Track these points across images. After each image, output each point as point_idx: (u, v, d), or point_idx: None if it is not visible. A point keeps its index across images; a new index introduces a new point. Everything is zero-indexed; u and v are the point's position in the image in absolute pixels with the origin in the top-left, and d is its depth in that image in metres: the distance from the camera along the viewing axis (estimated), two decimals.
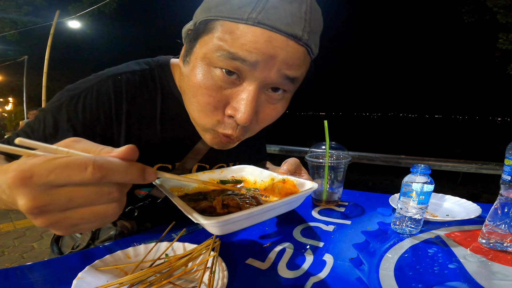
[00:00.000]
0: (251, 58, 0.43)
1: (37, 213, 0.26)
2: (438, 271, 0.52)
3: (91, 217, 0.28)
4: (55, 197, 0.26)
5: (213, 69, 0.46)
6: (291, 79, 0.48)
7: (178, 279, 0.47)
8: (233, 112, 0.48)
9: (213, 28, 0.45)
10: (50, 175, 0.25)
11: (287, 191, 0.53)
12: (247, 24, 0.43)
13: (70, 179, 0.25)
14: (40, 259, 0.55)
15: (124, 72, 0.60)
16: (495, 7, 6.70)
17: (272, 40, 0.43)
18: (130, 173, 0.28)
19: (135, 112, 0.60)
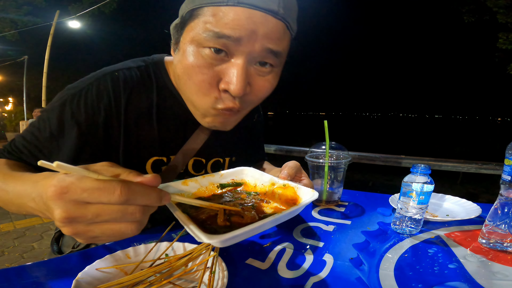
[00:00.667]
0: (234, 34, 0.48)
1: (67, 223, 0.31)
2: (438, 271, 0.52)
3: (111, 232, 0.32)
4: (84, 211, 0.30)
5: (202, 49, 0.51)
6: (274, 52, 0.52)
7: (178, 279, 0.47)
8: (226, 86, 0.52)
9: (198, 14, 0.50)
10: (84, 193, 0.30)
11: (288, 197, 0.53)
12: (228, 5, 0.48)
13: (99, 199, 0.30)
14: (40, 259, 0.55)
15: (120, 69, 0.64)
16: (495, 7, 6.69)
17: (252, 16, 0.48)
18: (151, 197, 0.33)
19: (132, 106, 0.63)
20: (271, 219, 0.40)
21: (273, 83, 0.59)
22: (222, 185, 0.58)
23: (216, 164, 0.78)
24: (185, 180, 0.54)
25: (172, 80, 0.68)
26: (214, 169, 0.78)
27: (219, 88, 0.53)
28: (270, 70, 0.56)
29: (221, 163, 0.80)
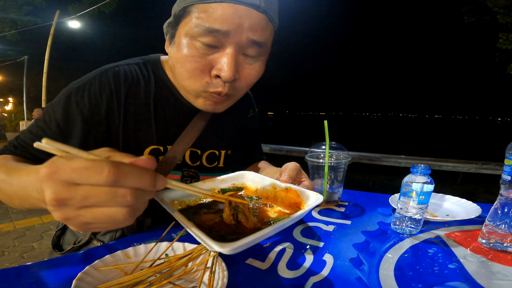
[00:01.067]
0: (223, 28, 0.55)
1: (56, 206, 0.29)
2: (438, 271, 0.52)
3: (103, 217, 0.30)
4: (73, 193, 0.29)
5: (195, 42, 0.57)
6: (258, 43, 0.59)
7: (178, 279, 0.47)
8: (218, 72, 0.58)
9: (190, 11, 0.57)
10: (73, 173, 0.28)
11: (291, 201, 0.53)
12: (216, 2, 0.54)
13: (87, 179, 0.28)
14: (40, 259, 0.55)
15: (121, 64, 0.69)
16: (495, 7, 6.68)
17: (237, 11, 0.55)
18: (143, 179, 0.30)
19: (132, 97, 0.67)
20: (280, 224, 0.40)
21: (259, 71, 0.65)
22: (223, 190, 0.58)
23: (212, 156, 0.80)
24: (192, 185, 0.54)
25: (168, 75, 0.73)
26: (209, 161, 0.80)
27: (211, 74, 0.60)
28: (257, 59, 0.63)
29: (217, 155, 0.81)
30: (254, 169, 0.93)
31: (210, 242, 0.34)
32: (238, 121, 0.88)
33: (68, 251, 0.73)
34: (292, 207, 0.52)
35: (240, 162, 0.91)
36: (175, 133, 0.72)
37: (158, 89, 0.71)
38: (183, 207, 0.52)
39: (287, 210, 0.53)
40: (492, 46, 7.54)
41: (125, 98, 0.66)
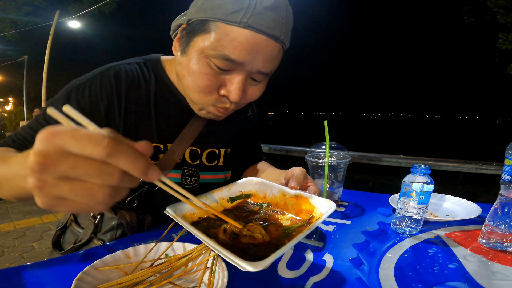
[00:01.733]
0: (239, 59, 0.55)
1: (37, 169, 0.27)
2: (438, 271, 0.52)
3: (80, 192, 0.28)
4: (62, 160, 0.27)
5: (210, 61, 0.57)
6: (265, 73, 0.62)
7: (178, 279, 0.47)
8: (227, 93, 0.61)
9: (211, 29, 0.56)
10: (71, 139, 0.27)
11: (302, 207, 0.53)
12: (239, 26, 0.53)
13: (83, 148, 0.27)
14: (40, 259, 0.55)
15: (122, 63, 0.70)
16: (495, 7, 6.68)
17: (257, 42, 0.55)
18: (136, 162, 0.29)
19: (132, 95, 0.68)
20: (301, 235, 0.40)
21: (262, 90, 0.68)
22: (232, 199, 0.57)
23: (212, 155, 0.80)
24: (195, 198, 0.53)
25: (168, 75, 0.74)
26: (209, 160, 0.80)
27: (219, 93, 0.62)
28: (261, 81, 0.65)
29: (216, 154, 0.82)
30: (255, 170, 0.93)
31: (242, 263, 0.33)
32: (237, 120, 0.88)
33: (68, 250, 0.73)
34: (303, 214, 0.52)
35: (239, 161, 0.91)
36: (175, 132, 0.73)
37: (158, 88, 0.72)
38: (195, 220, 0.50)
39: (298, 217, 0.53)
40: (492, 46, 7.53)
41: (125, 96, 0.67)
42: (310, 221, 0.50)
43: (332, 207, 0.48)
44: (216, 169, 0.82)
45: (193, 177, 0.77)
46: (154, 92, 0.71)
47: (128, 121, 0.67)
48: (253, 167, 0.95)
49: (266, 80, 0.66)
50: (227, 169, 0.86)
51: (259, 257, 0.35)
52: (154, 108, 0.70)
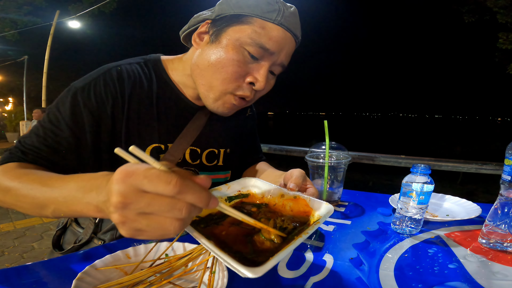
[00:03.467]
0: (272, 48, 0.63)
1: (120, 208, 0.31)
2: (438, 271, 0.52)
3: (156, 226, 0.32)
4: (139, 198, 0.31)
5: (243, 50, 0.63)
6: (283, 66, 0.70)
7: (178, 279, 0.47)
8: (253, 80, 0.66)
9: (248, 21, 0.63)
10: (144, 180, 0.31)
11: (300, 209, 0.53)
12: (274, 23, 0.63)
13: (156, 187, 0.31)
14: (40, 259, 0.55)
15: (123, 64, 0.70)
16: (495, 7, 6.68)
17: (286, 37, 0.65)
18: (201, 196, 0.33)
19: (135, 96, 0.68)
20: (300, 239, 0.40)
21: (272, 85, 0.74)
22: (229, 198, 0.57)
23: (211, 155, 0.81)
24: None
25: (169, 75, 0.75)
26: (209, 160, 0.80)
27: (245, 80, 0.66)
28: (274, 76, 0.72)
29: (216, 154, 0.82)
30: (254, 170, 0.93)
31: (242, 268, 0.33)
32: (236, 121, 0.88)
33: (69, 250, 0.73)
34: (301, 216, 0.52)
35: (239, 161, 0.91)
36: (176, 132, 0.73)
37: (159, 88, 0.72)
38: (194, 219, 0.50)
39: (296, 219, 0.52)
40: (492, 46, 7.53)
41: (128, 96, 0.67)
42: (308, 224, 0.50)
43: (330, 210, 0.48)
44: (216, 169, 0.82)
45: None
46: (156, 92, 0.71)
47: (131, 122, 0.67)
48: (253, 167, 0.95)
49: (275, 77, 0.73)
50: (227, 169, 0.86)
51: (257, 262, 0.36)
52: (157, 108, 0.71)
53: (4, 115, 12.79)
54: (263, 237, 0.44)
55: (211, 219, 0.50)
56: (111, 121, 0.65)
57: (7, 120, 11.93)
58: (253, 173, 0.91)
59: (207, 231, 0.46)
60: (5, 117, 12.32)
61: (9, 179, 0.51)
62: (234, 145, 0.86)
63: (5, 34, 9.59)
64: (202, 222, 0.49)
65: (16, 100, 17.10)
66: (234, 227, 0.48)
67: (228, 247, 0.43)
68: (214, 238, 0.44)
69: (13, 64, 11.95)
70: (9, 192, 0.50)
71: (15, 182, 0.50)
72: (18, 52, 11.34)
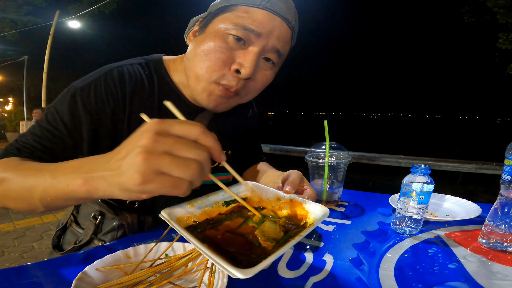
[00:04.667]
0: (257, 29, 0.60)
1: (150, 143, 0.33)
2: (438, 271, 0.52)
3: (177, 164, 0.33)
4: (168, 137, 0.34)
5: (228, 35, 0.61)
6: (279, 52, 0.65)
7: (178, 279, 0.47)
8: (239, 67, 0.62)
9: (232, 9, 0.62)
10: (173, 123, 0.35)
11: (296, 212, 0.53)
12: (258, 8, 0.61)
13: (183, 129, 0.35)
14: (40, 259, 0.55)
15: (124, 64, 0.70)
16: (495, 7, 6.68)
17: (273, 20, 0.61)
18: (217, 143, 0.37)
19: (136, 97, 0.68)
20: (292, 242, 0.40)
21: (269, 78, 0.69)
22: (227, 203, 0.57)
23: None
24: (190, 201, 0.53)
25: (171, 76, 0.74)
26: (211, 161, 0.79)
27: (231, 68, 0.62)
28: (271, 67, 0.67)
29: None
30: (254, 171, 0.93)
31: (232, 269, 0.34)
32: (238, 122, 0.88)
33: (69, 251, 0.73)
34: (297, 218, 0.52)
35: (240, 162, 0.91)
36: None
37: (161, 89, 0.72)
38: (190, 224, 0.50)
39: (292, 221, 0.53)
40: (492, 46, 7.53)
41: (130, 98, 0.66)
42: (303, 227, 0.50)
43: (325, 213, 0.48)
44: (217, 170, 0.82)
45: None
46: (157, 93, 0.70)
47: (132, 123, 0.66)
48: (253, 168, 0.95)
49: (274, 69, 0.69)
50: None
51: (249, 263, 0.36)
52: (158, 109, 0.70)
53: (4, 115, 12.80)
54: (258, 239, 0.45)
55: (208, 224, 0.51)
56: (112, 122, 0.64)
57: (7, 120, 11.93)
58: (253, 174, 0.91)
59: (202, 235, 0.47)
60: (5, 117, 12.32)
61: (2, 170, 0.50)
62: (236, 147, 0.86)
63: (5, 34, 9.59)
64: (199, 227, 0.50)
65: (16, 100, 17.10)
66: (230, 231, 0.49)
67: (223, 249, 0.43)
68: (209, 241, 0.45)
69: (13, 64, 11.95)
70: (3, 182, 0.48)
71: (7, 173, 0.48)
72: (18, 52, 11.35)
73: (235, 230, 0.49)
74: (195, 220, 0.51)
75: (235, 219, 0.53)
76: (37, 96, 13.22)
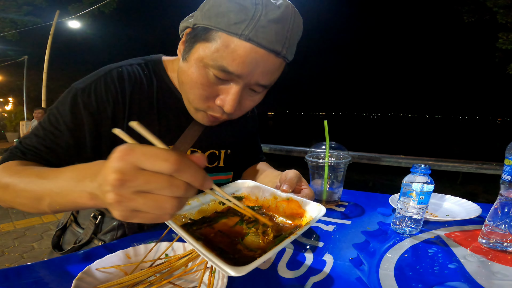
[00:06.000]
0: (237, 71, 0.55)
1: (117, 186, 0.30)
2: (438, 271, 0.52)
3: (153, 204, 0.32)
4: (137, 176, 0.30)
5: (208, 70, 0.57)
6: (264, 86, 0.61)
7: (178, 279, 0.47)
8: (221, 103, 0.60)
9: (212, 38, 0.55)
10: (143, 157, 0.30)
11: (293, 211, 0.54)
12: (239, 38, 0.52)
13: (154, 165, 0.30)
14: (40, 259, 0.55)
15: (124, 65, 0.70)
16: (495, 7, 6.68)
17: (256, 56, 0.54)
18: (197, 174, 0.32)
19: (135, 98, 0.68)
20: (287, 241, 0.40)
21: (257, 102, 0.67)
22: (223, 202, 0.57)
23: (212, 156, 0.80)
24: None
25: (169, 76, 0.74)
26: (210, 161, 0.80)
27: (215, 101, 0.61)
28: (258, 93, 0.64)
29: (217, 155, 0.82)
30: (254, 171, 0.93)
31: (225, 267, 0.34)
32: (237, 121, 0.88)
33: (69, 251, 0.73)
34: (294, 217, 0.52)
35: (240, 162, 0.91)
36: (177, 133, 0.73)
37: (160, 90, 0.72)
38: (186, 222, 0.50)
39: (288, 220, 0.53)
40: (492, 46, 7.53)
41: (129, 98, 0.66)
42: (299, 225, 0.50)
43: (321, 211, 0.49)
44: (217, 170, 0.82)
45: None
46: (156, 93, 0.71)
47: None
48: (253, 168, 0.95)
49: (264, 92, 0.65)
50: (228, 170, 0.85)
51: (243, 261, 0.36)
52: (157, 110, 0.70)
53: (4, 115, 12.79)
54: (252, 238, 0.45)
55: (204, 222, 0.51)
56: (112, 122, 0.64)
57: (7, 120, 11.92)
58: (253, 173, 0.91)
59: (198, 232, 0.47)
60: (5, 117, 12.31)
61: (8, 175, 0.51)
62: (235, 146, 0.86)
63: (5, 34, 9.58)
64: (195, 224, 0.50)
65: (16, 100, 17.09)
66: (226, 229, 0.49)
67: (218, 247, 0.43)
68: (205, 239, 0.45)
69: (13, 64, 11.94)
70: (8, 189, 0.50)
71: (14, 177, 0.50)
72: (18, 52, 11.34)
73: (231, 229, 0.49)
74: (191, 218, 0.51)
75: (231, 217, 0.53)
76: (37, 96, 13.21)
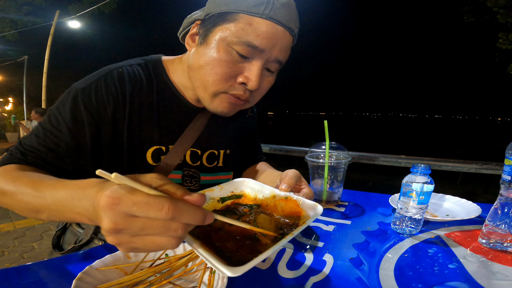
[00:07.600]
0: (261, 46, 0.60)
1: (113, 233, 0.31)
2: (438, 271, 0.52)
3: (152, 245, 0.33)
4: (131, 224, 0.31)
5: (231, 49, 0.61)
6: (281, 62, 0.66)
7: (178, 279, 0.47)
8: (245, 80, 0.63)
9: (234, 19, 0.60)
10: (134, 207, 0.30)
11: (291, 210, 0.54)
12: (261, 17, 0.59)
13: (147, 213, 0.31)
14: (40, 259, 0.55)
15: (124, 65, 0.70)
16: (495, 7, 6.69)
17: (277, 32, 0.60)
18: (195, 216, 0.33)
19: (136, 98, 0.68)
20: (284, 241, 0.40)
21: (272, 83, 0.71)
22: (222, 199, 0.57)
23: (211, 156, 0.81)
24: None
25: (169, 76, 0.74)
26: (209, 161, 0.80)
27: (237, 80, 0.64)
28: (272, 73, 0.68)
29: (216, 155, 0.82)
30: (254, 170, 0.93)
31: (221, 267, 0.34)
32: (237, 121, 0.88)
33: (69, 250, 0.73)
34: (292, 216, 0.52)
35: (239, 161, 0.91)
36: (177, 133, 0.73)
37: (160, 90, 0.72)
38: None
39: (286, 219, 0.53)
40: (492, 46, 7.54)
41: (130, 98, 0.67)
42: (297, 224, 0.50)
43: (319, 211, 0.49)
44: (216, 170, 0.82)
45: (194, 179, 0.77)
46: (156, 93, 0.71)
47: (132, 124, 0.67)
48: (253, 168, 0.95)
49: (275, 73, 0.70)
50: (228, 170, 0.85)
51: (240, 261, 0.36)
52: (157, 110, 0.70)
53: (4, 115, 12.79)
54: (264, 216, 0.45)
55: None
56: (112, 123, 0.64)
57: (7, 120, 11.92)
58: (253, 173, 0.91)
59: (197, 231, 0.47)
60: (5, 117, 12.31)
61: (5, 182, 0.51)
62: (234, 146, 0.86)
63: (5, 34, 9.58)
64: None
65: (16, 100, 17.08)
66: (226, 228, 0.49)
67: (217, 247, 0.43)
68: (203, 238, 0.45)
69: (13, 64, 11.95)
70: (6, 196, 0.50)
71: (10, 185, 0.50)
72: (18, 52, 11.34)
73: (229, 227, 0.49)
74: None
75: (230, 216, 0.53)
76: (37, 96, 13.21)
